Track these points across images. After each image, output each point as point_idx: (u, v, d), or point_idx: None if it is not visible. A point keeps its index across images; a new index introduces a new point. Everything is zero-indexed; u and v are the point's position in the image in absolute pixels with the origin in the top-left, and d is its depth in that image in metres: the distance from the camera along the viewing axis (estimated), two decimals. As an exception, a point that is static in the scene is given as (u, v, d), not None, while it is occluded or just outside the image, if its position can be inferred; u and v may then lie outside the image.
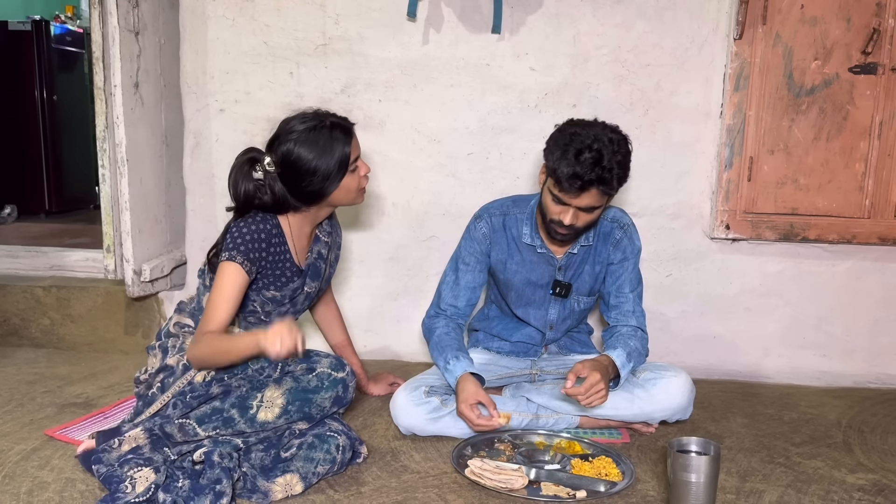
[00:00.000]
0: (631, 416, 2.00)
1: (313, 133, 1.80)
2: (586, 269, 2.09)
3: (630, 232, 2.07)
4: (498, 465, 1.74)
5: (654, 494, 1.68)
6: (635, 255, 2.08)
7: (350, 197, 1.90)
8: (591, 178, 1.78)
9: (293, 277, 1.90)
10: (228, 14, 2.53)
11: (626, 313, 2.07)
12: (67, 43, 4.75)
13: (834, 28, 2.34)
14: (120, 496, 1.53)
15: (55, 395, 2.25)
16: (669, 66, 2.44)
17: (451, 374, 1.97)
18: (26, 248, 3.10)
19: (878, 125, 2.38)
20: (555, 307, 2.13)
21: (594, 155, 1.78)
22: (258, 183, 1.82)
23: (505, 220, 2.08)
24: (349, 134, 1.85)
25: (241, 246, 1.78)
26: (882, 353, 2.55)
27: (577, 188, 1.80)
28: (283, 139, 1.81)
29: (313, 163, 1.79)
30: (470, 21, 2.47)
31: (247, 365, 1.82)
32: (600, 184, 1.80)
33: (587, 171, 1.77)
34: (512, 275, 2.10)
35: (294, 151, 1.79)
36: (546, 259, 2.07)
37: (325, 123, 1.82)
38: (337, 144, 1.82)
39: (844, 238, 2.44)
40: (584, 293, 2.12)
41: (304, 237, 1.93)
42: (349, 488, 1.69)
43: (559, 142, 1.84)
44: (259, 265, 1.82)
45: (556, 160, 1.81)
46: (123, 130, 2.50)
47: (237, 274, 1.77)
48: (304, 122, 1.82)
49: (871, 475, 1.82)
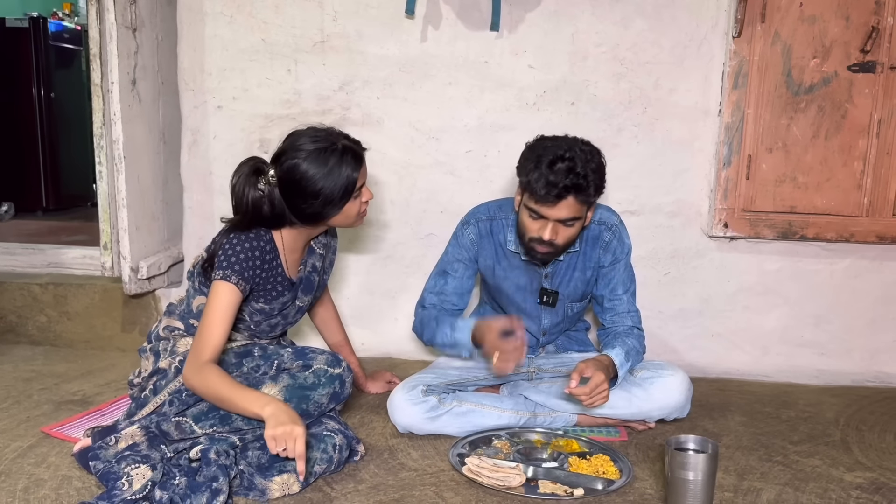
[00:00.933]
0: (629, 414, 2.00)
1: (323, 155, 1.72)
2: (576, 276, 2.06)
3: (619, 232, 2.05)
4: (496, 463, 1.74)
5: (652, 492, 1.68)
6: (626, 256, 2.06)
7: (349, 221, 1.83)
8: (566, 185, 1.75)
9: (284, 291, 1.86)
10: (226, 11, 2.52)
11: (622, 314, 2.06)
12: (65, 40, 4.74)
13: (833, 26, 2.34)
14: (117, 493, 1.53)
15: (52, 393, 2.25)
16: (668, 64, 2.44)
17: (462, 330, 1.95)
18: (23, 246, 3.10)
19: (877, 123, 2.38)
20: (547, 315, 2.12)
21: (568, 163, 1.76)
22: (261, 192, 1.75)
23: (492, 226, 2.05)
24: (360, 160, 1.77)
25: (235, 265, 1.72)
26: (880, 352, 2.55)
27: (553, 196, 1.77)
28: (290, 155, 1.73)
29: (318, 185, 1.71)
30: (468, 18, 2.46)
31: (242, 363, 1.82)
32: (576, 191, 1.77)
33: (562, 178, 1.75)
34: (501, 280, 2.08)
35: (300, 170, 1.71)
36: (532, 266, 2.05)
37: (337, 147, 1.74)
38: (346, 169, 1.73)
39: (843, 236, 2.44)
40: (576, 299, 2.11)
41: (297, 251, 1.88)
42: (346, 486, 1.69)
43: (531, 156, 1.82)
44: (253, 283, 1.77)
45: (530, 172, 1.80)
46: (121, 127, 2.50)
47: (231, 294, 1.71)
48: (315, 141, 1.74)
49: (869, 473, 1.82)
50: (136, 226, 2.60)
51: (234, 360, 1.79)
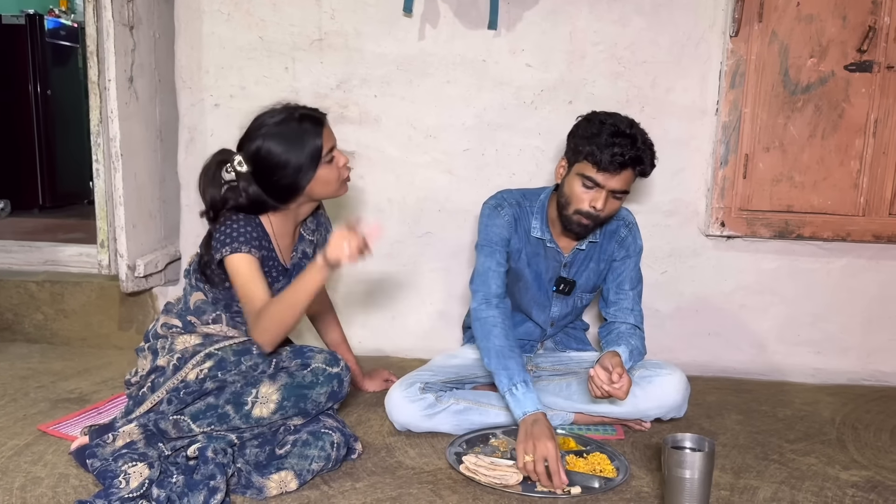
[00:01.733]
0: (626, 413, 2.00)
1: (282, 126, 1.78)
2: (591, 266, 2.09)
3: (634, 231, 2.09)
4: (493, 462, 1.74)
5: (649, 490, 1.69)
6: (637, 254, 2.09)
7: (331, 189, 1.86)
8: (630, 156, 1.82)
9: (279, 277, 1.88)
10: (224, 9, 2.52)
11: (625, 310, 2.07)
12: (61, 37, 4.73)
13: (830, 26, 2.34)
14: (114, 491, 1.52)
15: (48, 391, 2.24)
16: (666, 63, 2.44)
17: (519, 403, 1.82)
18: (20, 243, 3.09)
19: (874, 123, 2.38)
20: (557, 304, 2.13)
21: (631, 136, 1.83)
22: (231, 184, 1.79)
23: (520, 211, 2.06)
24: (320, 124, 1.81)
25: (239, 238, 1.76)
26: (876, 351, 2.55)
27: (617, 164, 1.81)
28: (252, 136, 1.79)
29: (283, 156, 1.76)
30: (466, 17, 2.46)
31: (241, 361, 1.82)
32: (636, 164, 1.84)
33: (627, 149, 1.81)
34: (524, 266, 2.08)
35: (264, 147, 1.77)
36: (553, 254, 2.06)
37: (294, 115, 1.80)
38: (307, 136, 1.78)
39: (839, 235, 2.45)
40: (587, 290, 2.13)
41: (287, 236, 1.90)
42: (344, 484, 1.69)
43: (590, 127, 1.87)
44: (260, 251, 1.79)
45: (592, 141, 1.83)
46: (118, 125, 2.49)
47: (248, 260, 1.75)
48: (272, 116, 1.80)
49: (865, 472, 1.82)
50: (133, 224, 2.59)
51: (233, 357, 1.79)
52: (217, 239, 1.77)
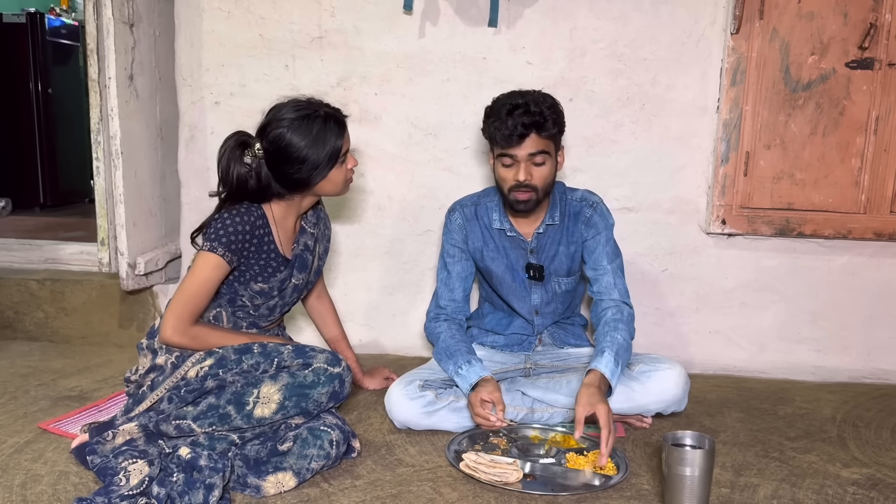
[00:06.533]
0: (627, 408, 2.00)
1: (307, 122, 1.81)
2: (560, 250, 2.11)
3: (599, 209, 2.11)
4: (493, 459, 1.74)
5: (649, 488, 1.69)
6: (607, 229, 2.10)
7: (336, 189, 1.91)
8: (525, 123, 1.89)
9: (279, 268, 1.90)
10: (224, 6, 2.52)
11: (608, 287, 2.06)
12: (62, 35, 4.73)
13: (831, 23, 2.34)
14: (114, 489, 1.53)
15: (49, 389, 2.25)
16: (666, 61, 2.44)
17: (465, 378, 1.96)
18: (20, 241, 3.10)
19: (875, 120, 2.38)
20: (536, 292, 2.15)
21: (523, 106, 1.91)
22: (247, 167, 1.82)
23: (476, 210, 2.14)
24: (343, 127, 1.86)
25: (223, 238, 1.78)
26: (877, 349, 2.55)
27: (517, 136, 1.90)
28: (274, 125, 1.81)
29: (304, 151, 1.79)
30: (466, 14, 2.46)
31: (242, 359, 1.81)
32: (537, 128, 1.90)
33: (522, 118, 1.89)
34: (490, 262, 2.13)
35: (286, 137, 1.79)
36: (518, 243, 2.11)
37: (320, 113, 1.83)
38: (330, 136, 1.82)
39: (840, 233, 2.45)
40: (562, 274, 2.14)
41: (288, 227, 1.93)
42: (344, 482, 1.69)
43: (491, 112, 1.97)
44: (242, 255, 1.82)
45: (493, 124, 1.94)
46: (118, 123, 2.49)
47: (216, 265, 1.78)
48: (297, 109, 1.82)
49: (866, 469, 1.82)
50: (134, 222, 2.59)
51: (234, 356, 1.78)
52: (210, 227, 1.80)
